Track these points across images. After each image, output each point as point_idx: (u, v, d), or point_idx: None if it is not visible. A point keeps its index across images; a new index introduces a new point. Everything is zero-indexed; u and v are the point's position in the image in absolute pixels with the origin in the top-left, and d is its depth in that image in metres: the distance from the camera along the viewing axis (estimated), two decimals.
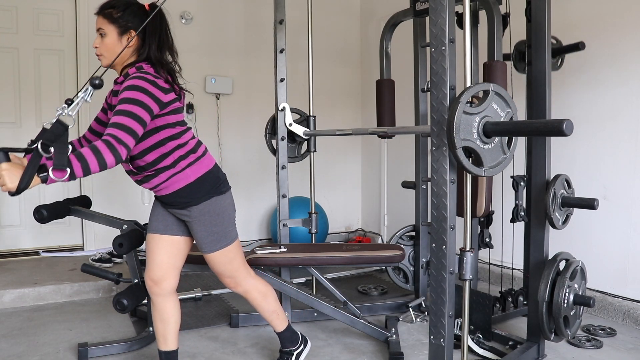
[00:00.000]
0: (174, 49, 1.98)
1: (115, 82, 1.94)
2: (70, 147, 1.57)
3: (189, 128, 2.00)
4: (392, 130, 2.70)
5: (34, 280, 3.46)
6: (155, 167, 1.90)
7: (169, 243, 2.05)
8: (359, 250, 2.78)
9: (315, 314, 2.99)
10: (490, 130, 1.73)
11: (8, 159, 1.53)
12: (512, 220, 2.75)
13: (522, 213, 2.70)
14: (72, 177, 1.55)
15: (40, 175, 1.51)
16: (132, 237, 2.52)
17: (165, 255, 2.04)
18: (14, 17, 4.07)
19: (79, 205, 2.72)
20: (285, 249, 2.71)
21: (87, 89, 1.61)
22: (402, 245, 3.02)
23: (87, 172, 1.57)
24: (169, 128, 1.88)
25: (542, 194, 2.33)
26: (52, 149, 1.52)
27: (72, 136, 1.64)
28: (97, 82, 1.59)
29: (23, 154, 1.65)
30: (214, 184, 1.98)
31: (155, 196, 2.07)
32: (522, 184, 2.71)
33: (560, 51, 2.97)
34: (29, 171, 1.50)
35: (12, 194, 1.51)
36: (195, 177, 1.93)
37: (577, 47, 2.80)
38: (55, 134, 1.53)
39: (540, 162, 2.36)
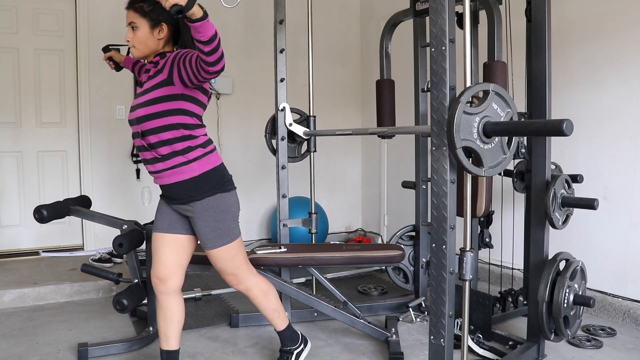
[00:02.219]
0: None
1: (150, 62, 2.00)
2: None
3: (204, 126, 2.02)
4: (392, 130, 2.70)
5: (34, 280, 3.46)
6: (165, 147, 1.91)
7: (174, 242, 2.05)
8: (359, 250, 2.78)
9: (315, 314, 2.99)
10: (490, 130, 1.73)
11: None
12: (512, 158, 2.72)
13: (523, 150, 2.67)
14: (212, 38, 1.65)
15: (204, 9, 1.60)
16: (132, 237, 2.52)
17: (170, 253, 2.05)
18: (14, 17, 4.07)
19: (79, 205, 2.72)
20: (285, 249, 2.71)
21: None
22: (402, 245, 3.03)
23: (216, 49, 1.68)
24: (185, 115, 1.91)
25: (542, 194, 2.34)
26: None
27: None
28: None
29: None
30: (219, 181, 1.99)
31: (160, 195, 2.08)
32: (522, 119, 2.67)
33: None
34: None
35: (179, 9, 1.55)
36: (201, 171, 1.94)
37: (576, 179, 2.80)
38: None
39: (540, 162, 2.36)
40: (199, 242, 2.09)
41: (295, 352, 2.32)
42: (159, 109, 1.88)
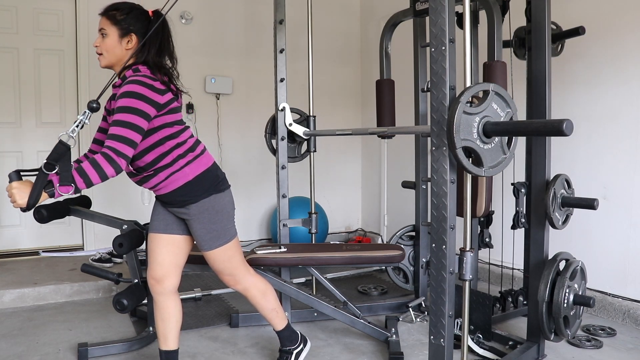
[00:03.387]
0: (174, 56, 2.01)
1: (114, 86, 1.97)
2: (73, 165, 1.71)
3: (187, 127, 2.01)
4: (392, 130, 2.70)
5: (34, 280, 3.46)
6: (154, 166, 1.92)
7: (170, 242, 2.05)
8: (359, 250, 2.78)
9: (315, 314, 2.99)
10: (490, 130, 1.73)
11: (20, 179, 1.72)
12: (513, 227, 2.73)
13: (523, 220, 2.69)
14: (77, 190, 1.70)
15: (47, 190, 1.67)
16: (132, 237, 2.52)
17: (167, 254, 2.05)
18: (14, 17, 4.07)
19: (79, 205, 2.71)
20: (285, 249, 2.71)
21: (85, 112, 1.76)
22: (402, 245, 3.02)
23: (89, 184, 1.72)
24: (167, 127, 1.90)
25: (542, 194, 2.33)
26: (56, 168, 1.67)
27: (73, 155, 1.77)
28: (94, 105, 1.77)
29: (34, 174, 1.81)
30: (213, 182, 1.99)
31: (155, 196, 2.08)
32: (522, 190, 2.70)
33: (560, 36, 2.94)
34: (37, 188, 1.68)
35: (24, 209, 1.69)
36: (194, 175, 1.95)
37: (577, 31, 2.74)
38: (58, 153, 1.70)
39: (540, 162, 2.36)
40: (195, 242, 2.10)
41: (295, 352, 2.32)
42: None
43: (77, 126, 1.76)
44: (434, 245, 1.85)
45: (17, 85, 4.12)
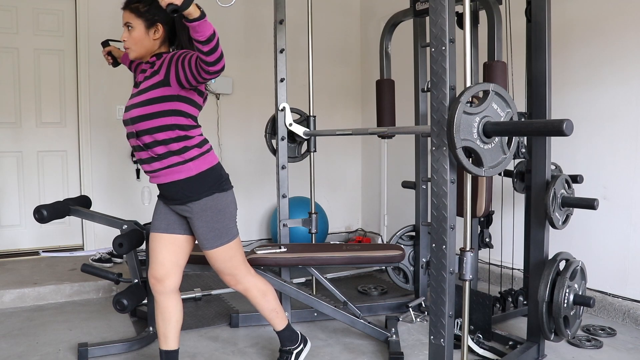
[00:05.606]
0: None
1: (147, 62, 1.99)
2: None
3: (199, 126, 2.02)
4: (392, 130, 2.70)
5: (34, 280, 3.46)
6: (162, 147, 1.91)
7: (171, 242, 2.05)
8: (359, 250, 2.78)
9: (315, 314, 2.99)
10: (490, 130, 1.73)
11: None
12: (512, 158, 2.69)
13: (523, 150, 2.66)
14: (210, 38, 1.68)
15: (201, 8, 1.61)
16: (132, 237, 2.52)
17: (168, 253, 2.05)
18: (14, 17, 4.07)
19: (79, 205, 2.72)
20: (285, 249, 2.71)
21: None
22: (402, 245, 3.02)
23: (215, 48, 1.70)
24: (181, 117, 1.91)
25: (542, 194, 2.34)
26: None
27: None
28: None
29: None
30: (216, 180, 1.99)
31: (157, 195, 2.08)
32: (522, 120, 2.66)
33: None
34: None
35: (175, 8, 1.56)
36: (197, 171, 1.95)
37: (576, 179, 2.77)
38: None
39: (540, 162, 2.36)
40: (196, 242, 2.10)
41: (295, 352, 2.32)
42: (154, 110, 1.88)
43: None
44: (434, 245, 1.85)
45: (17, 85, 4.11)
